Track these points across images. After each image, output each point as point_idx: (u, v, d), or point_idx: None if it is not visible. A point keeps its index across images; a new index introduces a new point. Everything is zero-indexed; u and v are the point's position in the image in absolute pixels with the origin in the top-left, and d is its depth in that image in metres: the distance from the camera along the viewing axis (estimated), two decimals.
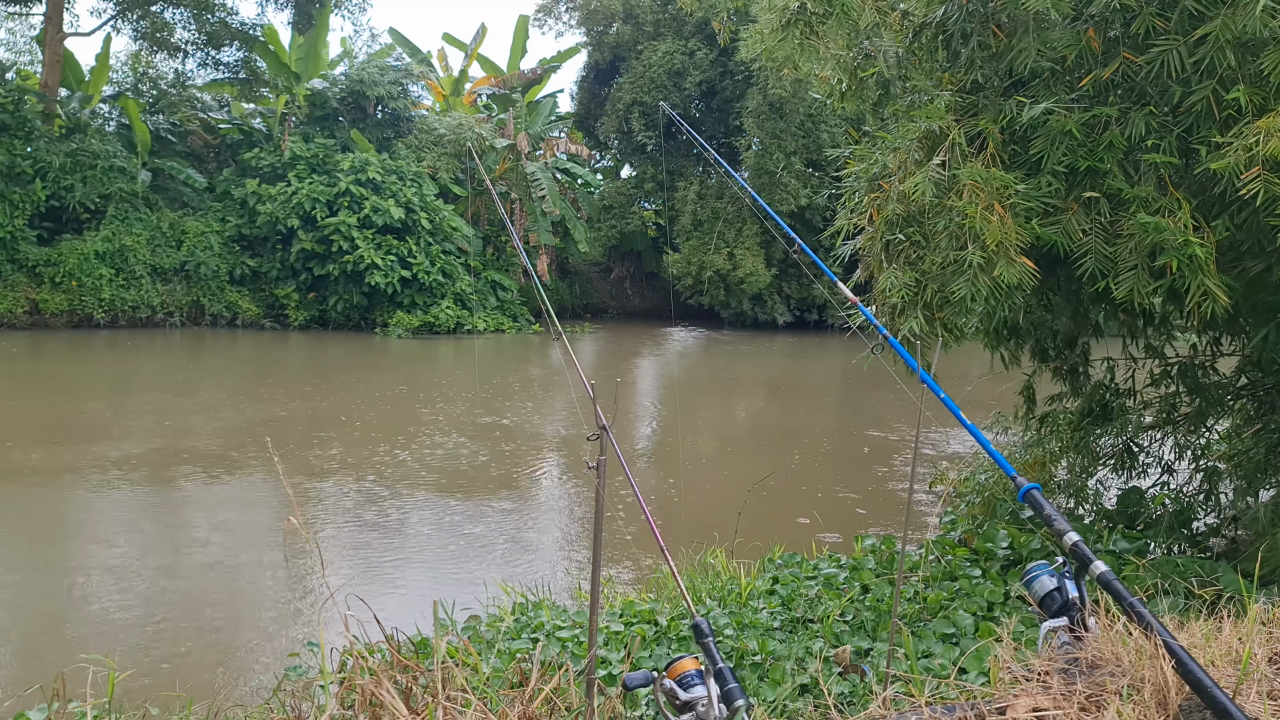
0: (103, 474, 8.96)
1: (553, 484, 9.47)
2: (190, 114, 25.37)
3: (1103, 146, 3.03)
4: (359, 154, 23.80)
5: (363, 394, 14.28)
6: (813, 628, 3.63)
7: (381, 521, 7.59)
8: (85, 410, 12.32)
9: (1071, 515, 4.64)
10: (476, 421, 12.37)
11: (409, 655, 1.63)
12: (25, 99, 21.70)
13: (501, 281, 25.91)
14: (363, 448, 10.33)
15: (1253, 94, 2.79)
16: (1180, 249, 2.83)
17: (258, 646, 5.25)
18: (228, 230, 23.44)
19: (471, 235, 25.57)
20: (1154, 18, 2.94)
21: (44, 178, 21.24)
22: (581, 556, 6.73)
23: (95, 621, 5.53)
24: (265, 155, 24.00)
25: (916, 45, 3.68)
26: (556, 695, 1.62)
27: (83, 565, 6.60)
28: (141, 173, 22.95)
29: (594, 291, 30.87)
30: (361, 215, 22.99)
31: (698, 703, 1.17)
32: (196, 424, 11.51)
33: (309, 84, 25.27)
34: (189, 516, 7.99)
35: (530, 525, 7.79)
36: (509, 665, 2.16)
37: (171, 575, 6.38)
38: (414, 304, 23.77)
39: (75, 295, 21.05)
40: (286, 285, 23.65)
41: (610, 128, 28.21)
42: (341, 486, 8.67)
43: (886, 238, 3.49)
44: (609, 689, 1.82)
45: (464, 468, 9.65)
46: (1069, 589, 1.77)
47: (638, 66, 27.37)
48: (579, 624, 3.79)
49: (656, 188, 28.49)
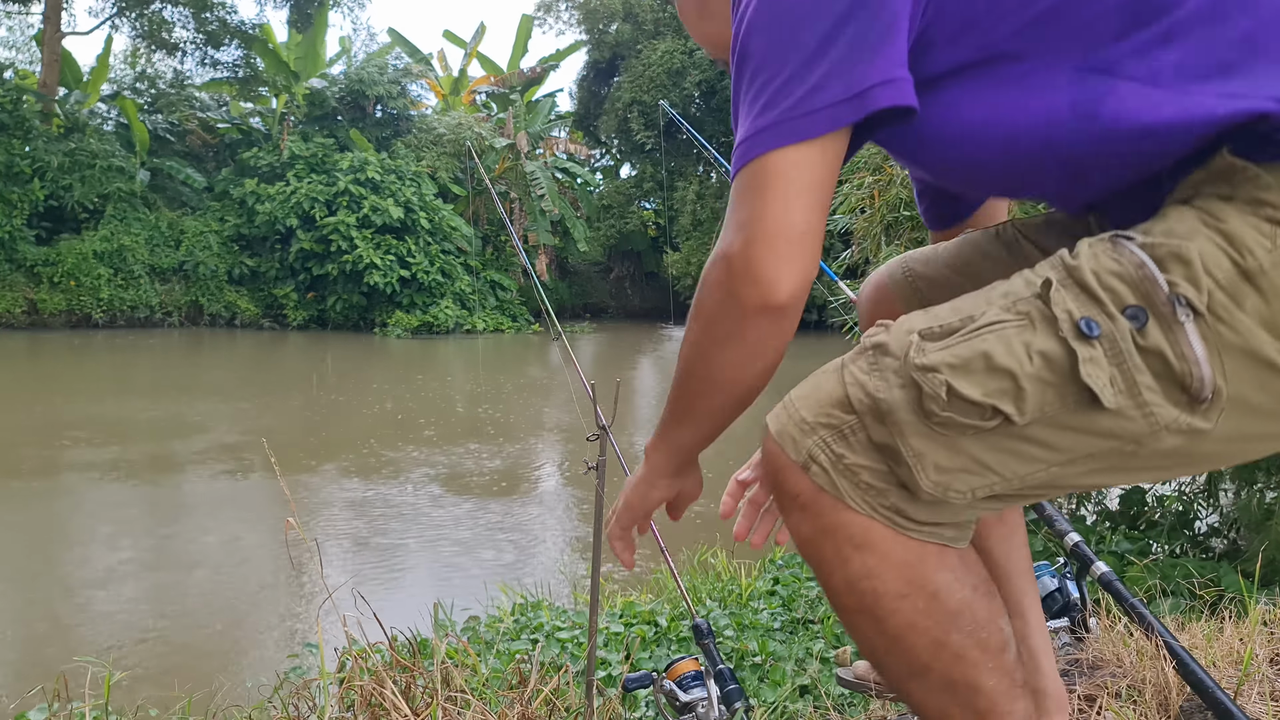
0: (101, 474, 8.96)
1: (552, 484, 9.46)
2: (189, 113, 25.35)
3: None
4: (358, 153, 23.78)
5: (361, 394, 14.27)
6: (813, 628, 3.63)
7: (380, 522, 7.58)
8: (83, 410, 12.31)
9: (1073, 515, 4.64)
10: (476, 421, 12.37)
11: (408, 656, 1.63)
12: (23, 98, 21.68)
13: (501, 281, 25.91)
14: (361, 448, 10.32)
15: None
16: None
17: (257, 647, 5.25)
18: (226, 230, 23.42)
19: (471, 235, 25.56)
20: None
21: (42, 177, 21.22)
22: (581, 557, 6.73)
23: (94, 622, 5.52)
24: (264, 155, 23.98)
25: None
26: (556, 696, 1.62)
27: (81, 565, 6.59)
28: (140, 172, 22.93)
29: (593, 291, 30.86)
30: (360, 215, 22.96)
31: (698, 704, 1.17)
32: (195, 424, 11.50)
33: (308, 83, 25.26)
34: (187, 517, 7.99)
35: (530, 526, 7.78)
36: (508, 666, 2.16)
37: (170, 576, 6.38)
38: (413, 304, 23.75)
39: (73, 295, 21.04)
40: (285, 285, 23.64)
41: (610, 127, 28.21)
42: (340, 486, 8.67)
43: (888, 219, 3.48)
44: (608, 690, 1.82)
45: (463, 468, 9.65)
46: (1070, 590, 1.77)
47: (637, 66, 27.38)
48: (579, 625, 3.79)
49: (656, 187, 28.50)
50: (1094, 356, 0.78)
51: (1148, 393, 0.78)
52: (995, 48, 0.89)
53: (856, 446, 0.85)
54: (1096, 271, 0.81)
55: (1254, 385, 0.78)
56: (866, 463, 0.85)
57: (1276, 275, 0.78)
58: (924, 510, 0.87)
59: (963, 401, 0.81)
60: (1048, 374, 0.79)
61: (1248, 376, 0.78)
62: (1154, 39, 0.85)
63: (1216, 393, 0.78)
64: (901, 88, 0.86)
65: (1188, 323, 0.77)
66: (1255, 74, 0.83)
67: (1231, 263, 0.78)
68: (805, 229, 0.89)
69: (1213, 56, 0.84)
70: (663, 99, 25.89)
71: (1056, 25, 0.87)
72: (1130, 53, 0.85)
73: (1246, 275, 0.78)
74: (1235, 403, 0.79)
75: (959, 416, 0.81)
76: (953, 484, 0.83)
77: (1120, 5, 0.86)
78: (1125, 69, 0.85)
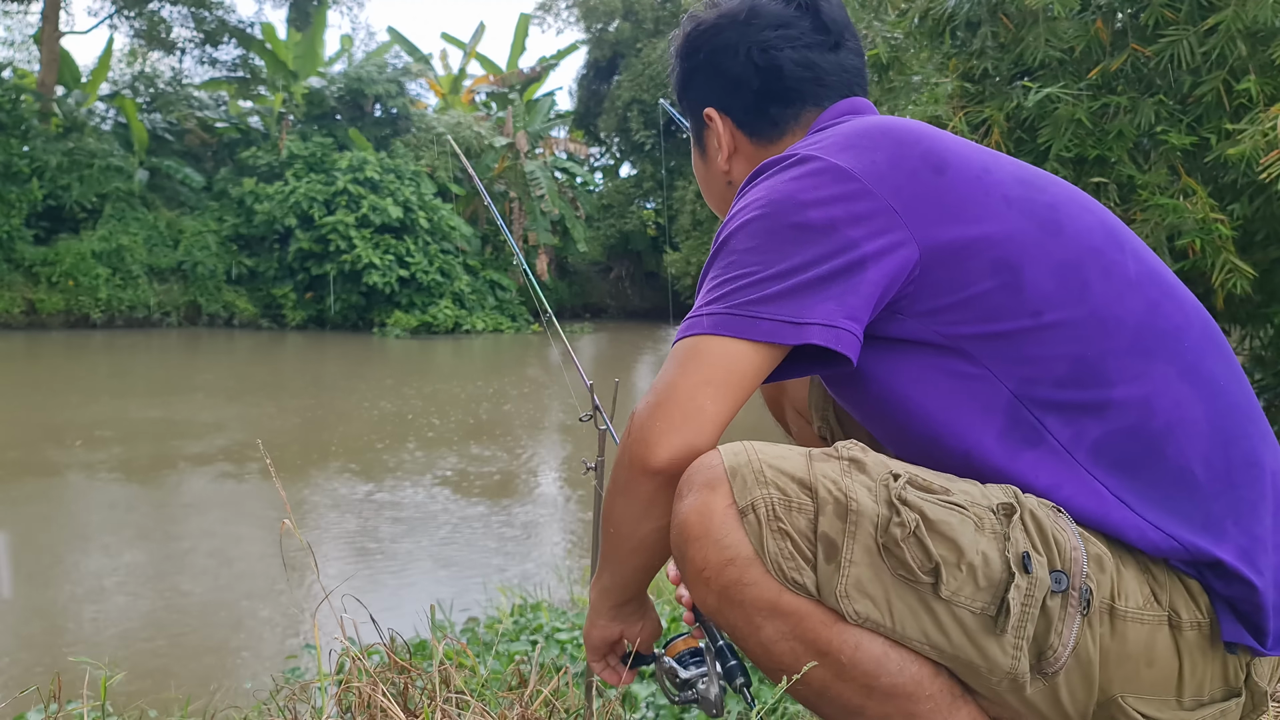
0: (98, 474, 8.94)
1: (552, 485, 9.46)
2: (187, 113, 25.31)
3: (1112, 135, 3.02)
4: (357, 153, 23.74)
5: (360, 394, 14.25)
6: None
7: (378, 523, 7.57)
8: (82, 411, 12.29)
9: None
10: (474, 422, 12.36)
11: (407, 657, 1.62)
12: (22, 97, 21.65)
13: (500, 281, 25.87)
14: (359, 448, 10.31)
15: (1264, 84, 2.78)
16: (1201, 228, 2.81)
17: (254, 648, 5.24)
18: (225, 230, 23.38)
19: (470, 234, 25.53)
20: (1163, 8, 2.93)
21: (41, 177, 21.18)
22: (581, 558, 6.72)
23: (92, 622, 5.51)
24: (262, 154, 23.94)
25: (919, 31, 3.67)
26: (556, 697, 1.61)
27: (79, 566, 6.58)
28: (139, 172, 22.89)
29: (593, 291, 30.83)
30: (359, 214, 22.92)
31: (697, 680, 1.18)
32: (193, 425, 11.49)
33: (306, 82, 25.23)
34: (185, 517, 7.98)
35: (529, 526, 7.77)
36: (507, 667, 2.15)
37: (167, 577, 6.36)
38: (412, 304, 23.71)
39: (72, 295, 21.00)
40: (284, 285, 23.60)
41: (609, 126, 28.20)
42: (338, 487, 8.66)
43: None
44: (608, 691, 1.81)
45: (462, 468, 9.64)
46: None
47: (636, 65, 27.36)
48: (578, 626, 3.77)
49: (656, 186, 28.49)
50: (1023, 586, 0.89)
51: (1024, 641, 0.90)
52: (955, 344, 0.98)
53: (798, 523, 0.92)
54: (1047, 526, 0.92)
55: (1066, 690, 0.92)
56: (798, 540, 0.92)
57: (1122, 638, 0.92)
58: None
59: (919, 547, 0.89)
60: (982, 575, 0.89)
61: (1068, 681, 0.92)
62: (1087, 405, 0.95)
63: (1054, 675, 0.92)
64: (841, 337, 0.94)
65: (1078, 614, 0.90)
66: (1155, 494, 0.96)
67: (1110, 596, 0.93)
68: (708, 414, 0.96)
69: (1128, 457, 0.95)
70: (662, 98, 25.84)
71: (1011, 351, 0.97)
72: (1061, 408, 0.95)
73: (1111, 614, 0.93)
74: (1047, 690, 0.92)
75: (908, 557, 0.89)
76: (857, 603, 0.91)
77: (1072, 356, 0.95)
78: (1051, 425, 0.96)
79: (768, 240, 0.97)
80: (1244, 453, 0.96)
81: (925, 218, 0.97)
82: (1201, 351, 0.98)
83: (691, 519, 0.94)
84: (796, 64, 1.15)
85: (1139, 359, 0.95)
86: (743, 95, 1.19)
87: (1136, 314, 0.97)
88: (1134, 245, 1.04)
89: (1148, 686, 0.93)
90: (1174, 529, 0.93)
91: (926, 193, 0.97)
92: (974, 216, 0.97)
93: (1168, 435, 0.94)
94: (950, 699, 0.95)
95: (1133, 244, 1.04)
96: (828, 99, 1.16)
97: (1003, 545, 0.90)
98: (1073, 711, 0.94)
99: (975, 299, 0.96)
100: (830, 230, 0.96)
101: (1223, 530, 0.93)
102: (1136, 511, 0.94)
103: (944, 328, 0.97)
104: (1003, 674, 0.91)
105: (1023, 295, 0.96)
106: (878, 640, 0.93)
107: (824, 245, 0.95)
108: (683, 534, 0.95)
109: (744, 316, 0.95)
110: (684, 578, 0.99)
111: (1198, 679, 0.94)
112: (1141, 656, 0.93)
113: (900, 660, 0.93)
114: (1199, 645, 0.94)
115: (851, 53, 1.19)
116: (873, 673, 0.93)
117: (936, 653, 0.92)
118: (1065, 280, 0.96)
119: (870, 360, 1.00)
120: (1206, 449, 0.95)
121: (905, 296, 0.97)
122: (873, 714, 0.95)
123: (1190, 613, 0.94)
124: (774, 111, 1.18)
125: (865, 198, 0.96)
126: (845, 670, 0.93)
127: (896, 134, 1.03)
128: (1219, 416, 0.96)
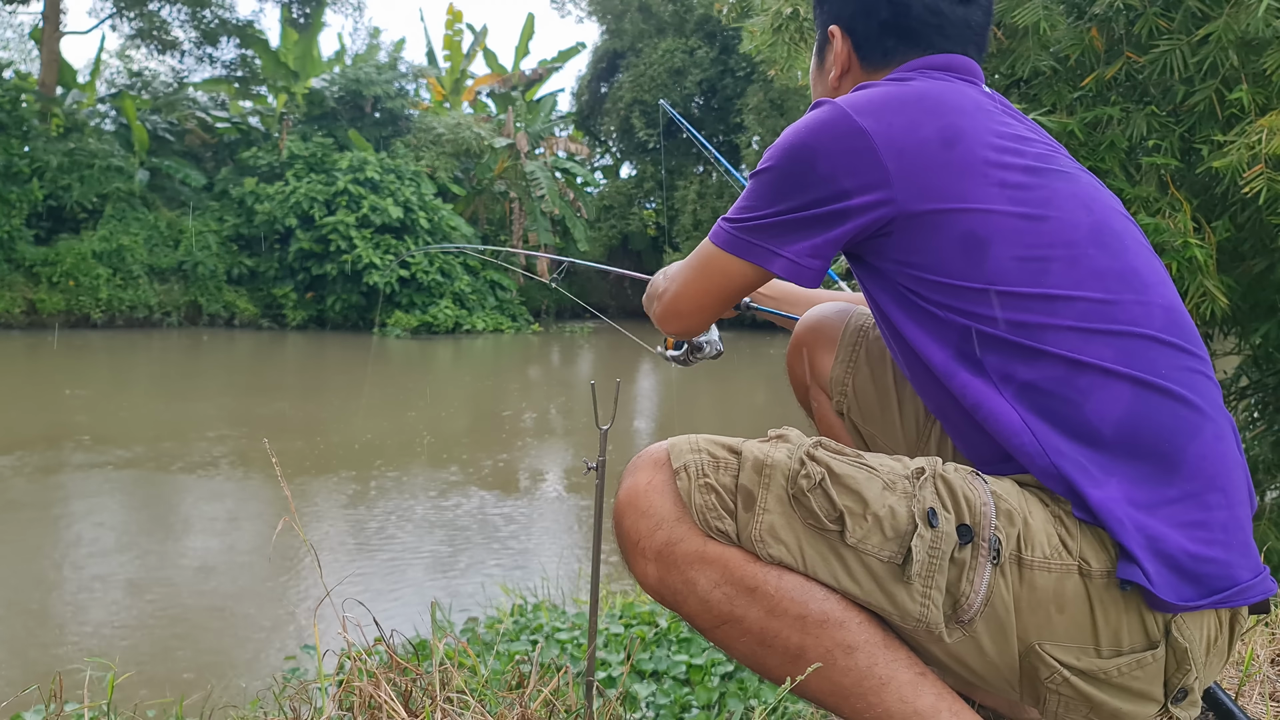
0: (99, 474, 8.95)
1: (552, 485, 9.46)
2: (187, 113, 25.31)
3: (1104, 146, 3.02)
4: (357, 153, 23.74)
5: (360, 394, 14.26)
6: None
7: (379, 522, 7.58)
8: (82, 411, 12.30)
9: None
10: (475, 422, 12.36)
11: (407, 657, 1.62)
12: (22, 98, 21.65)
13: (500, 281, 25.87)
14: (360, 448, 10.32)
15: (1255, 94, 2.78)
16: (1180, 251, 2.82)
17: (255, 648, 5.24)
18: (225, 230, 23.38)
19: (470, 234, 25.53)
20: (1157, 18, 2.93)
21: (41, 177, 21.18)
22: (581, 558, 6.72)
23: (91, 622, 5.52)
24: (263, 154, 23.94)
25: None
26: (556, 697, 1.61)
27: (78, 566, 6.58)
28: (139, 172, 22.89)
29: (594, 291, 30.84)
30: (360, 214, 22.92)
31: (705, 344, 1.73)
32: (193, 424, 11.50)
33: (307, 82, 25.23)
34: (185, 517, 7.98)
35: (529, 526, 7.78)
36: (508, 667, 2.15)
37: (167, 576, 6.37)
38: (412, 304, 23.71)
39: (72, 295, 21.00)
40: (284, 285, 23.59)
41: (611, 126, 28.20)
42: (338, 487, 8.67)
43: None
44: (608, 691, 1.81)
45: (462, 468, 9.65)
46: None
47: (638, 65, 27.37)
48: (578, 626, 3.78)
49: (657, 187, 28.49)
50: (926, 537, 0.97)
51: (934, 590, 0.97)
52: (914, 287, 1.11)
53: (723, 480, 1.03)
54: (958, 486, 1.01)
55: (987, 638, 0.99)
56: (722, 494, 1.02)
57: (1031, 585, 0.98)
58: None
59: (824, 497, 0.99)
60: (889, 527, 0.98)
61: (987, 629, 0.99)
62: (1024, 350, 1.04)
63: (971, 623, 0.98)
64: (802, 273, 1.14)
65: (988, 563, 0.97)
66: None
67: (1016, 547, 0.99)
68: (705, 310, 1.30)
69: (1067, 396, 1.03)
70: (663, 98, 25.89)
71: (961, 304, 1.07)
72: (1000, 349, 1.05)
73: (1019, 564, 0.99)
74: (969, 640, 0.99)
75: (814, 505, 0.99)
76: (771, 547, 1.00)
77: (1015, 322, 1.04)
78: (989, 363, 1.06)
79: (781, 179, 1.13)
80: (1163, 437, 1.00)
81: (916, 188, 1.07)
82: (1150, 346, 1.03)
83: (622, 499, 1.05)
84: (925, 7, 1.23)
85: (1080, 338, 1.03)
86: (869, 22, 1.27)
87: (1090, 302, 1.04)
88: (1119, 245, 1.08)
89: (1062, 634, 0.98)
90: (1067, 470, 0.99)
91: (928, 165, 1.07)
92: (960, 194, 1.06)
93: (1088, 396, 1.01)
94: (884, 636, 1.01)
95: (1119, 243, 1.08)
96: (942, 48, 1.24)
97: (910, 503, 0.98)
98: (1000, 663, 1.00)
99: (939, 261, 1.07)
100: (830, 180, 1.10)
101: (1105, 483, 0.99)
102: (1039, 441, 1.02)
103: (906, 274, 1.10)
104: (914, 620, 0.98)
105: (984, 268, 1.05)
106: (797, 574, 1.00)
107: (820, 191, 1.10)
108: (616, 515, 1.06)
109: (742, 236, 1.17)
110: (625, 558, 1.07)
111: (1112, 627, 0.99)
112: (1051, 603, 0.98)
113: (824, 589, 1.00)
114: (1110, 593, 0.98)
115: (980, 9, 1.26)
116: (801, 600, 1.00)
117: (850, 598, 1.00)
118: (1028, 265, 1.05)
119: (863, 275, 1.17)
120: (1120, 418, 1.00)
121: (877, 243, 1.11)
122: (813, 652, 1.00)
123: (1100, 561, 0.99)
124: (890, 44, 1.25)
125: (869, 157, 1.08)
126: (775, 603, 1.00)
127: (928, 102, 1.11)
128: (1146, 406, 1.01)
